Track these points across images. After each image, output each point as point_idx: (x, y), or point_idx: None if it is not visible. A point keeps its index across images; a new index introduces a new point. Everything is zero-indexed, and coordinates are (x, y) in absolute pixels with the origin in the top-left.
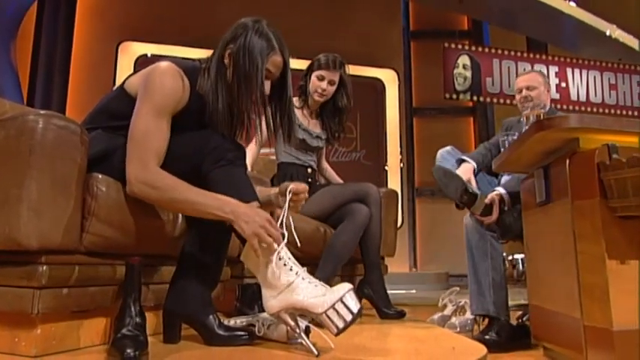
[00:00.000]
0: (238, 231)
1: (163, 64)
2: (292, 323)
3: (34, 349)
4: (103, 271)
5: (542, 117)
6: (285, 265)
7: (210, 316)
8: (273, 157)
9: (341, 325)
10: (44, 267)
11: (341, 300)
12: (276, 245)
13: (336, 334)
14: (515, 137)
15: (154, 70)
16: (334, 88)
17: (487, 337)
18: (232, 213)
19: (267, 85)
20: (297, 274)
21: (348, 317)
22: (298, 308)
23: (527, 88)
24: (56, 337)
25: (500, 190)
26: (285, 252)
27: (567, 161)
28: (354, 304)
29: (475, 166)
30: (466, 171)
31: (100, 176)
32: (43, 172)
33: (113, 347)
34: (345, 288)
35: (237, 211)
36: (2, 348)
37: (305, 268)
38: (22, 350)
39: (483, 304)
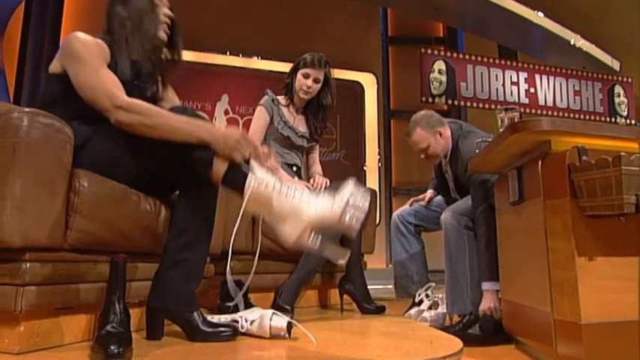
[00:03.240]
0: (217, 150)
1: (72, 34)
2: (312, 245)
3: (17, 346)
4: (87, 268)
5: (515, 120)
6: (283, 190)
7: (195, 313)
8: None
9: (361, 216)
10: (28, 264)
11: (348, 202)
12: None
13: (357, 230)
14: (489, 140)
15: (69, 40)
16: (319, 86)
17: (470, 331)
18: (210, 135)
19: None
20: (297, 194)
21: (361, 215)
22: (316, 225)
23: (422, 150)
24: (40, 334)
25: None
26: (277, 180)
27: (540, 162)
28: (364, 196)
29: (434, 192)
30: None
31: (81, 172)
32: (28, 169)
33: (97, 344)
34: (348, 191)
35: (214, 133)
36: None
37: (304, 189)
38: (5, 347)
39: (460, 304)
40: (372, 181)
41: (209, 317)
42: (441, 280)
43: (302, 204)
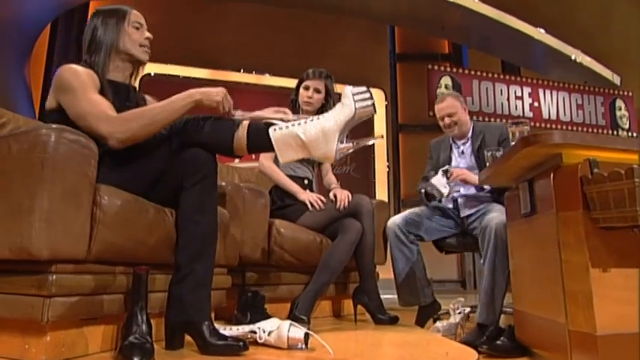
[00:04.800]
0: (210, 105)
1: (62, 66)
2: (349, 147)
3: (43, 356)
4: (110, 279)
5: (525, 133)
6: (305, 122)
7: (205, 323)
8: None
9: (370, 101)
10: (54, 276)
11: (353, 95)
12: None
13: (374, 113)
14: (500, 153)
15: (59, 73)
16: (321, 96)
17: (499, 342)
18: (200, 94)
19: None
20: (315, 118)
21: (369, 100)
22: (343, 129)
23: (449, 115)
24: (65, 343)
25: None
26: (297, 122)
27: (552, 175)
28: (361, 88)
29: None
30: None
31: (102, 185)
32: (55, 184)
33: (121, 354)
34: (348, 90)
35: (202, 92)
36: (13, 354)
37: (311, 117)
38: (32, 357)
39: (490, 315)
40: (382, 193)
41: (227, 328)
42: (448, 290)
43: (323, 122)
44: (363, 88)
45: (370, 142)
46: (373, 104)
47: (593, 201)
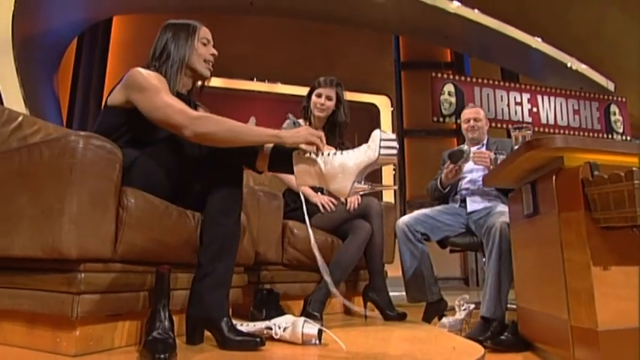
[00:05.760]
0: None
1: (133, 69)
2: (362, 189)
3: (73, 349)
4: (134, 278)
5: (528, 138)
6: (329, 155)
7: (224, 319)
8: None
9: (395, 150)
10: (83, 274)
11: (381, 140)
12: (320, 145)
13: (395, 162)
14: (504, 156)
15: (132, 74)
16: (332, 103)
17: (503, 337)
18: (276, 138)
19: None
20: (339, 153)
21: (394, 149)
22: (362, 171)
23: (475, 119)
24: (93, 338)
25: None
26: (320, 152)
27: (554, 177)
28: (390, 135)
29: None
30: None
31: (128, 189)
32: (83, 187)
33: (145, 349)
34: (377, 135)
35: (280, 135)
36: (46, 347)
37: (334, 151)
38: (63, 350)
39: (497, 309)
40: (388, 195)
41: (244, 324)
42: (450, 287)
43: (345, 159)
44: (392, 136)
45: (385, 189)
46: (397, 153)
47: (594, 202)
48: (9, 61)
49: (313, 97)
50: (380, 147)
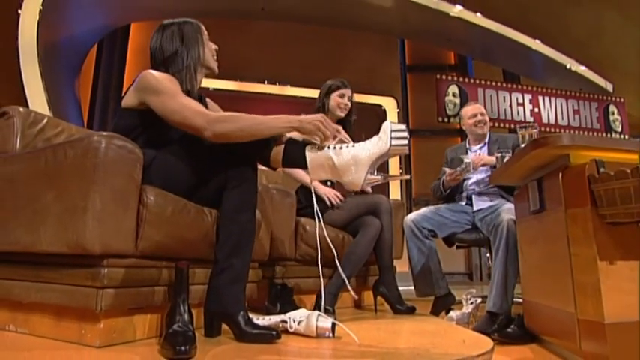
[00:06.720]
0: (304, 133)
1: (145, 72)
2: (375, 180)
3: (98, 340)
4: (154, 273)
5: (534, 136)
6: (341, 148)
7: (240, 313)
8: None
9: (406, 141)
10: (106, 269)
11: (391, 131)
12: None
13: (407, 153)
14: (509, 155)
15: (144, 77)
16: (350, 103)
17: (509, 330)
18: (296, 122)
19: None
20: (350, 145)
21: (405, 139)
22: (374, 162)
23: (482, 114)
24: (116, 330)
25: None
26: (334, 145)
27: (560, 174)
28: (400, 126)
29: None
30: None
31: (148, 187)
32: (105, 186)
33: (166, 341)
34: (387, 126)
35: (299, 119)
36: (72, 338)
37: (346, 145)
38: (88, 341)
39: (503, 304)
40: (395, 192)
41: (260, 318)
42: (456, 282)
43: (357, 151)
44: (402, 127)
45: (397, 179)
46: (408, 144)
47: (600, 198)
48: (34, 67)
49: (336, 98)
50: (391, 138)
